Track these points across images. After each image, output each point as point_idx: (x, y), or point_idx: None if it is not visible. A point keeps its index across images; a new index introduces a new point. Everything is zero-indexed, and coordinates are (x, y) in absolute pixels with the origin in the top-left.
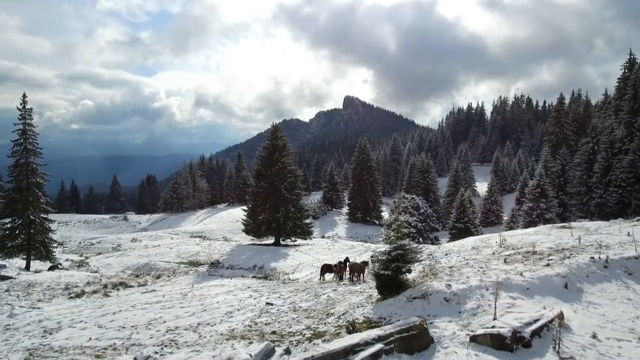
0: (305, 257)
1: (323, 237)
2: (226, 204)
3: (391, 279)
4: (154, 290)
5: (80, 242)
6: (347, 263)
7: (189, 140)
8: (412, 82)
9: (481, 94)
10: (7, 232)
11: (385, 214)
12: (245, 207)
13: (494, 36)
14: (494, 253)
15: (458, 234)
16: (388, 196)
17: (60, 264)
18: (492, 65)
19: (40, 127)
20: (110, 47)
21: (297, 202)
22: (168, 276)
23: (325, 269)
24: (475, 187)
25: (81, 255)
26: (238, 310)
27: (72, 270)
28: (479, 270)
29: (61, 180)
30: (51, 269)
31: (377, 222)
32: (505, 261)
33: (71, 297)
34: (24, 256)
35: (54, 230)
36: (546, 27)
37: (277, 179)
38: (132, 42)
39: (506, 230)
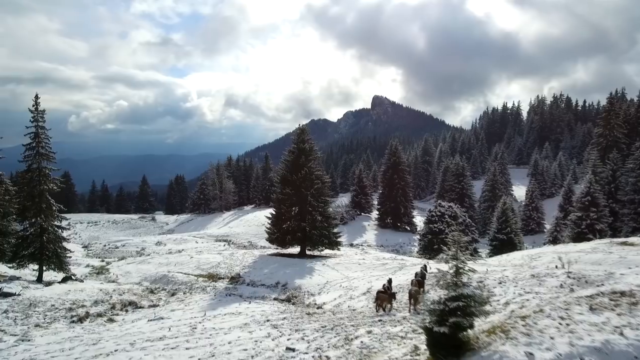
0: (333, 273)
1: (352, 245)
2: (253, 206)
3: (448, 338)
4: (162, 318)
5: (105, 245)
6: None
7: (218, 140)
8: (442, 81)
9: (513, 93)
10: (19, 240)
11: (417, 220)
12: (268, 215)
13: (527, 33)
14: (561, 285)
15: (500, 245)
16: (419, 199)
17: (74, 275)
18: (525, 64)
19: (77, 127)
20: (143, 49)
21: (325, 210)
22: (184, 293)
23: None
24: (512, 191)
25: (102, 260)
26: (252, 358)
27: (87, 281)
28: (561, 324)
29: (92, 180)
30: (64, 280)
31: (408, 229)
32: (591, 308)
33: (73, 322)
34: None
35: (68, 239)
36: (581, 23)
37: (303, 185)
38: (164, 43)
39: (549, 240)
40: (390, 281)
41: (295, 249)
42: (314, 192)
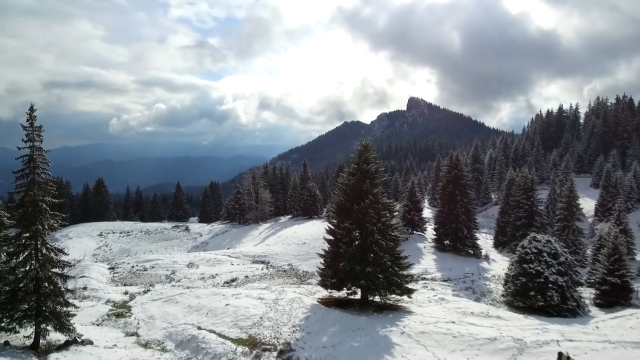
0: (422, 354)
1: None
2: (290, 217)
3: None
4: None
5: (133, 267)
6: None
7: (252, 142)
8: (479, 81)
9: (553, 93)
10: (8, 295)
11: (481, 242)
12: (328, 237)
13: (566, 31)
14: None
15: (612, 292)
16: None
17: (79, 337)
18: (564, 63)
19: (118, 129)
20: (180, 53)
21: (395, 249)
22: None
23: None
24: (579, 204)
25: (126, 293)
26: None
27: (97, 338)
28: None
29: (127, 186)
30: (66, 345)
31: (471, 252)
32: None
33: None
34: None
35: (73, 290)
36: (626, 18)
37: (368, 218)
38: (201, 47)
39: None
40: None
41: (354, 294)
42: (382, 227)
